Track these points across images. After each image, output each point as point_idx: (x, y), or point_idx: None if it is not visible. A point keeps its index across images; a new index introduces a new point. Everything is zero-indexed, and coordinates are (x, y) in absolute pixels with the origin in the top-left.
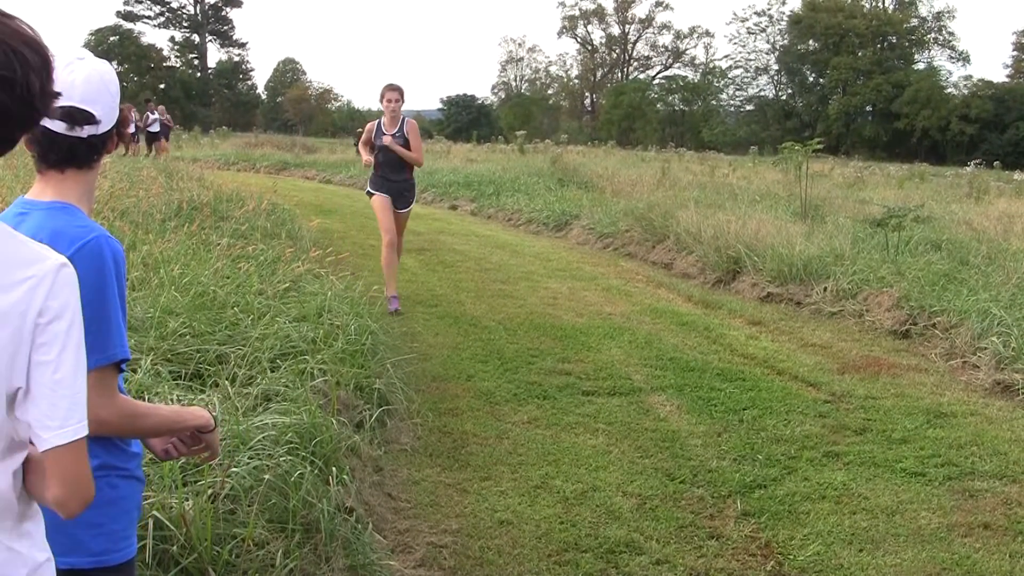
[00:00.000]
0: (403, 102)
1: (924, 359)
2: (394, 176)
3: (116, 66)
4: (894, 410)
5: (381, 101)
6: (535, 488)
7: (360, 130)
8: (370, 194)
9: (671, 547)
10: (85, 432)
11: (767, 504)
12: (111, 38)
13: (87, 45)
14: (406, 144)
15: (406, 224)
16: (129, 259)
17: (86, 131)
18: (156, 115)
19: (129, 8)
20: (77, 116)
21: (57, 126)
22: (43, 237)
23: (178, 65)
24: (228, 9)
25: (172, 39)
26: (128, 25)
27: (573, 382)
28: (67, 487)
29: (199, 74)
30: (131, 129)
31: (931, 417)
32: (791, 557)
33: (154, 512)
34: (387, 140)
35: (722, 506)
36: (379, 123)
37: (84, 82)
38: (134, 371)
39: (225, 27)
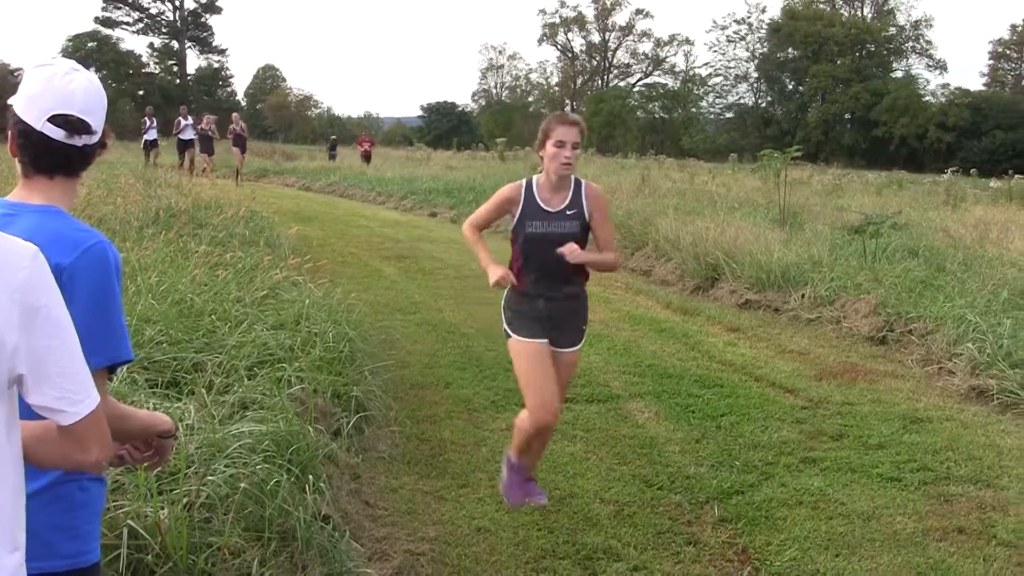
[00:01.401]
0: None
1: (900, 365)
2: (555, 289)
3: (94, 73)
4: (871, 416)
5: (543, 144)
6: None
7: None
8: (508, 334)
9: (648, 553)
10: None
11: (744, 510)
12: (89, 44)
13: (65, 51)
14: (584, 233)
15: (573, 374)
16: None
17: (82, 140)
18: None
19: (107, 14)
20: (77, 125)
21: (57, 133)
22: (42, 239)
23: (157, 72)
24: (207, 15)
25: (151, 45)
26: (106, 31)
27: None
28: (105, 446)
29: (178, 81)
30: (188, 135)
31: (907, 423)
32: (768, 563)
33: (129, 521)
34: (570, 251)
35: (699, 512)
36: (528, 189)
37: (83, 92)
38: (110, 380)
39: (204, 33)
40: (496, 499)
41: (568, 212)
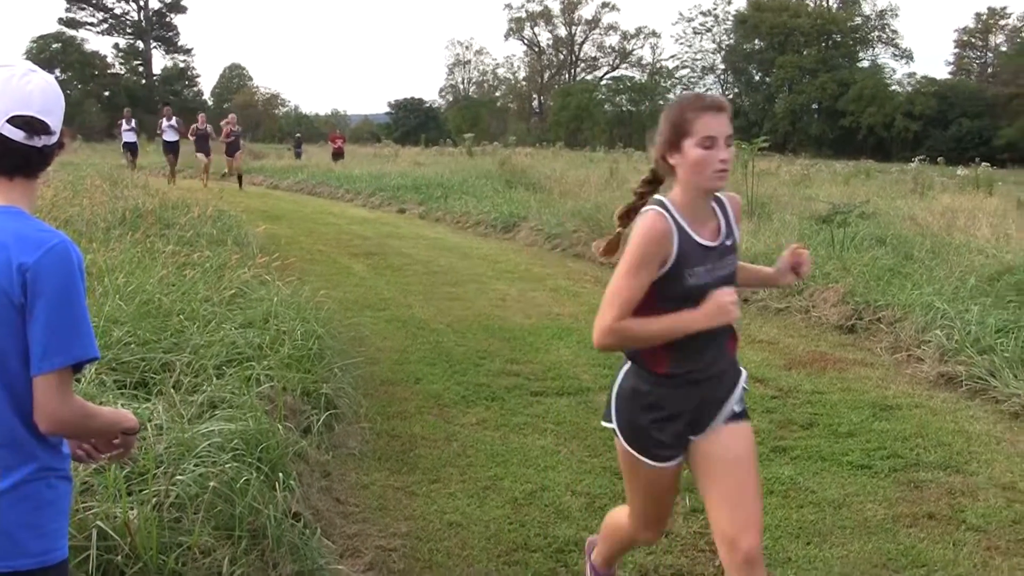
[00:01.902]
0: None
1: (870, 353)
2: (713, 362)
3: (59, 74)
4: (840, 404)
5: (676, 145)
6: (484, 489)
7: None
8: (631, 453)
9: None
10: None
11: None
12: (53, 45)
13: (29, 52)
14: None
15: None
16: None
17: (41, 141)
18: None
19: (72, 15)
20: (36, 126)
21: (16, 135)
22: (5, 239)
23: (123, 72)
24: (172, 15)
25: (116, 46)
26: (71, 32)
27: (522, 383)
28: None
29: (144, 81)
30: (171, 137)
31: (876, 410)
32: None
33: (98, 522)
34: (725, 301)
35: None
36: (674, 218)
37: (41, 93)
38: (78, 380)
39: (169, 33)
40: (467, 493)
41: (727, 243)
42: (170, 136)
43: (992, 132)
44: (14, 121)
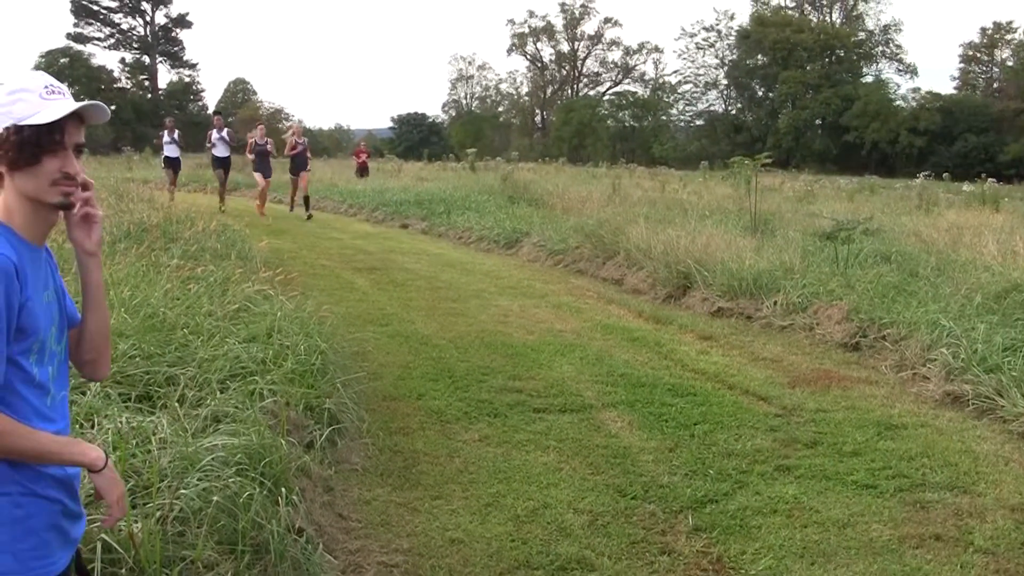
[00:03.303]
0: None
1: (874, 371)
2: None
3: (69, 86)
4: (845, 423)
5: None
6: (486, 506)
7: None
8: None
9: (623, 563)
10: None
11: (719, 519)
12: (61, 60)
13: (37, 67)
14: None
15: None
16: (78, 281)
17: None
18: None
19: (79, 30)
20: None
21: None
22: None
23: (129, 87)
24: (178, 30)
25: (123, 60)
26: (78, 47)
27: (524, 399)
28: None
29: (150, 95)
30: (222, 152)
31: (882, 429)
32: (743, 571)
33: (103, 535)
34: None
35: (674, 521)
36: None
37: None
38: (83, 393)
39: (175, 48)
40: (469, 510)
41: None
42: (172, 152)
43: (998, 148)
44: None
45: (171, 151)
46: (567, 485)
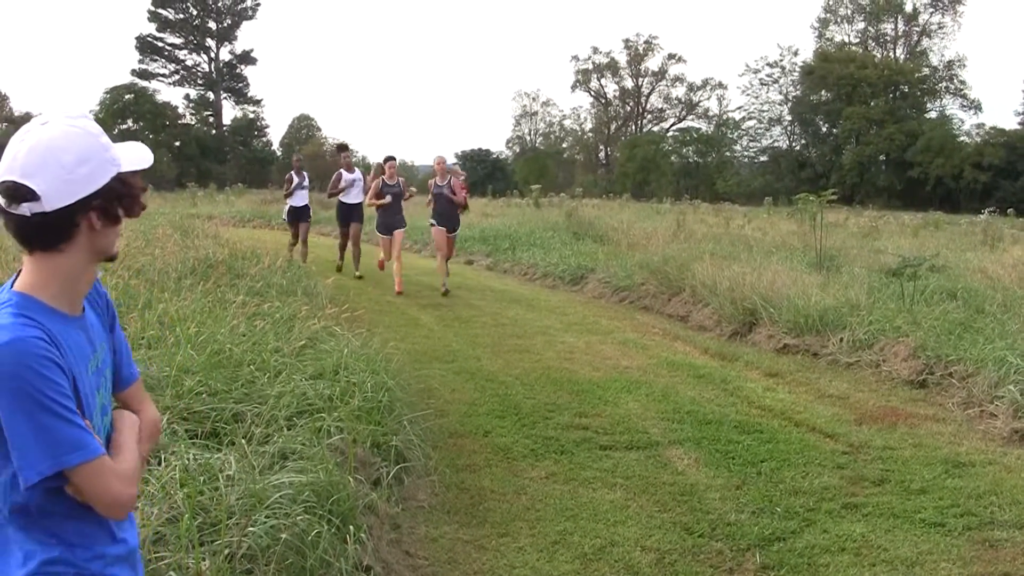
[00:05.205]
0: None
1: (941, 408)
2: None
3: (131, 124)
4: (912, 460)
5: None
6: (553, 544)
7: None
8: None
9: None
10: None
11: (786, 557)
12: (126, 96)
13: (102, 103)
14: None
15: None
16: (145, 318)
17: (25, 208)
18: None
19: (144, 66)
20: (13, 192)
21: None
22: None
23: (193, 122)
24: (243, 66)
25: (187, 96)
26: (143, 83)
27: (590, 436)
28: None
29: (214, 131)
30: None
31: (949, 467)
32: None
33: (171, 572)
34: None
35: (741, 559)
36: None
37: (27, 152)
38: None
39: (240, 84)
40: (536, 548)
41: None
42: (301, 199)
43: None
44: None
45: (301, 198)
46: (634, 523)
